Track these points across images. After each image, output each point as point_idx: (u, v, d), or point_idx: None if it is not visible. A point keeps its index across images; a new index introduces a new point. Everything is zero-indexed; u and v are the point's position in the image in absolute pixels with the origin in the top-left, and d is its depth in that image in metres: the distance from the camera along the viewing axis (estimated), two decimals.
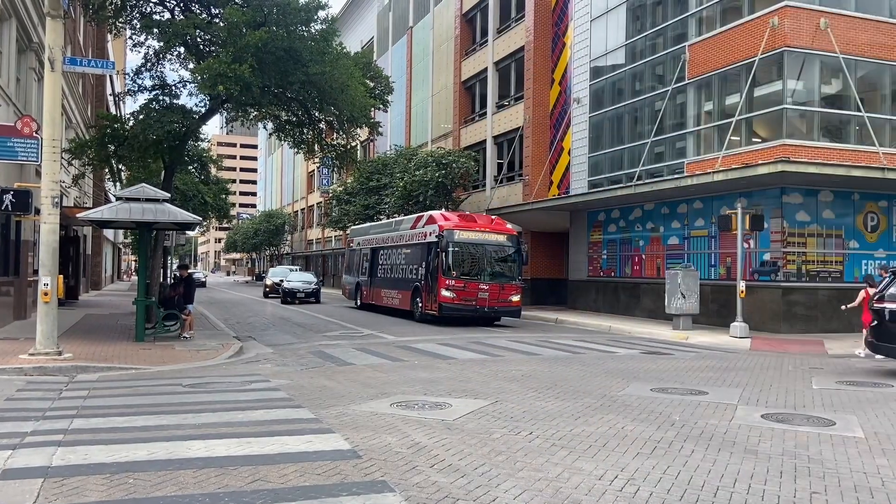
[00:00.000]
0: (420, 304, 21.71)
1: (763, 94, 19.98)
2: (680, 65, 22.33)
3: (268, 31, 15.50)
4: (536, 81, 30.57)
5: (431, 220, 21.80)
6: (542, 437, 6.65)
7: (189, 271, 18.03)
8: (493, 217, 23.03)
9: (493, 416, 7.55)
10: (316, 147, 21.43)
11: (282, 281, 35.32)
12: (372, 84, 24.11)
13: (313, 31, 16.91)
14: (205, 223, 36.11)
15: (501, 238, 21.39)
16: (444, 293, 20.26)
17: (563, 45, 29.90)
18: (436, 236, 20.73)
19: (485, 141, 34.91)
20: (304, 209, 72.79)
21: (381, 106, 25.43)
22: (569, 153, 28.96)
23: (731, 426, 7.23)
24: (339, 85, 16.92)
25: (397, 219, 26.96)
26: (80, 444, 6.14)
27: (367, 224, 31.27)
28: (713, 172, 19.01)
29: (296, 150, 22.35)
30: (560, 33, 30.19)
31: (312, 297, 33.39)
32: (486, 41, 35.09)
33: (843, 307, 15.47)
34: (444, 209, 33.08)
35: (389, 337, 17.27)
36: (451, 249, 20.48)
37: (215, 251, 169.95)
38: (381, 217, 37.95)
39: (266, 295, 39.21)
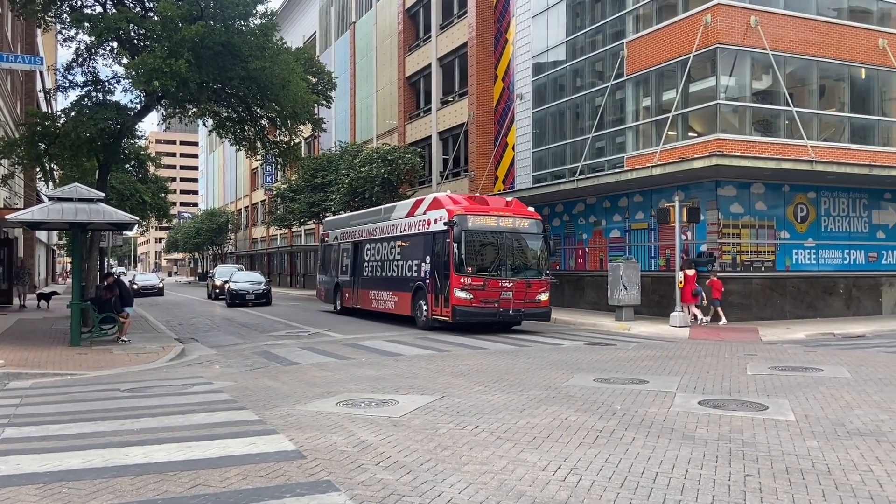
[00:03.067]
0: (425, 309, 17.78)
1: (698, 89, 20.55)
2: (618, 61, 22.78)
3: (204, 25, 15.16)
4: (480, 78, 30.74)
5: (436, 205, 17.99)
6: (488, 430, 6.72)
7: (119, 273, 17.53)
8: (506, 198, 18.99)
9: (440, 412, 7.58)
10: (258, 144, 21.07)
11: (227, 281, 32.44)
12: (314, 80, 23.85)
13: (252, 25, 16.61)
14: (143, 223, 34.97)
15: (524, 223, 17.47)
16: (459, 294, 16.40)
17: (505, 41, 30.13)
18: (444, 224, 16.94)
19: (430, 137, 34.94)
20: (247, 207, 71.53)
21: (324, 102, 25.12)
22: (513, 148, 29.24)
23: (669, 413, 7.44)
24: (280, 81, 16.67)
25: (387, 205, 22.84)
26: (11, 454, 5.92)
27: (347, 214, 27.51)
28: (652, 167, 19.47)
29: (237, 147, 21.92)
30: (502, 30, 30.41)
31: (263, 298, 30.57)
32: (430, 37, 35.09)
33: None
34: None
35: (337, 335, 17.15)
36: (464, 240, 16.63)
37: (156, 251, 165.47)
38: (328, 214, 37.61)
39: (216, 297, 35.89)
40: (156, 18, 16.15)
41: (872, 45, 21.02)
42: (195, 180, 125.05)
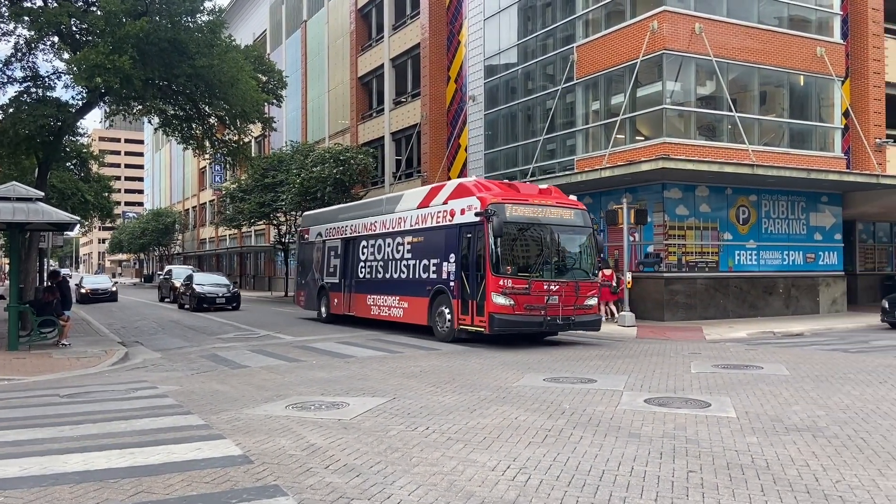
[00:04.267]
0: (449, 317, 14.86)
1: (645, 94, 20.99)
2: (569, 65, 23.10)
3: (149, 21, 14.84)
4: (433, 79, 30.78)
5: (462, 192, 15.09)
6: (439, 431, 6.73)
7: (63, 274, 17.00)
8: (540, 186, 15.97)
9: (391, 413, 7.57)
10: (206, 143, 20.69)
11: (189, 284, 29.14)
12: (264, 78, 23.51)
13: (200, 22, 16.31)
14: (86, 223, 33.89)
15: (569, 214, 14.69)
16: (497, 300, 13.45)
17: (457, 43, 30.24)
18: (475, 214, 14.06)
19: (383, 137, 34.82)
20: (195, 207, 70.08)
21: (274, 101, 24.79)
22: (466, 150, 29.37)
23: (616, 412, 7.58)
24: (229, 79, 16.41)
25: (389, 195, 20.20)
26: None
27: (334, 207, 24.17)
28: (601, 169, 19.81)
29: (185, 146, 21.47)
30: (455, 31, 30.52)
31: (234, 302, 28.21)
32: (382, 37, 34.97)
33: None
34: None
35: (287, 337, 16.94)
36: (504, 233, 13.65)
37: (99, 252, 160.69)
38: (279, 214, 37.13)
39: (174, 300, 32.61)
40: (99, 13, 15.71)
41: (811, 53, 21.80)
42: (140, 179, 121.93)
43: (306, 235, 23.17)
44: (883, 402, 7.99)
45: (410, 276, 16.57)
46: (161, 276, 42.76)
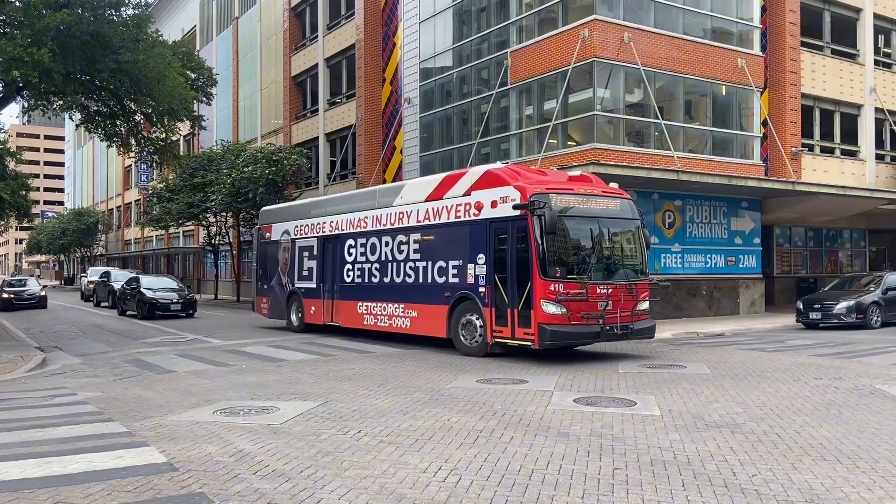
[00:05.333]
0: (480, 328, 12.60)
1: (577, 100, 21.45)
2: (503, 70, 23.38)
3: (71, 13, 14.25)
4: (368, 80, 30.62)
5: (492, 181, 12.77)
6: (371, 434, 6.70)
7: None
8: (568, 172, 14.07)
9: (322, 417, 7.49)
10: (131, 141, 20.01)
11: (135, 288, 25.56)
12: (193, 75, 22.94)
13: (125, 16, 15.77)
14: (1, 223, 32.24)
15: (616, 205, 12.78)
16: (548, 309, 11.41)
17: (393, 44, 30.20)
18: (514, 207, 11.87)
19: (317, 138, 34.43)
20: (120, 207, 67.59)
21: (203, 99, 24.23)
22: (401, 152, 29.34)
23: (546, 411, 7.71)
24: (156, 75, 15.93)
25: (383, 186, 17.72)
26: None
27: (306, 201, 21.02)
28: None
29: (108, 143, 20.70)
30: (390, 33, 30.47)
31: (190, 308, 25.18)
32: (317, 37, 34.59)
33: None
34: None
35: (217, 341, 16.53)
36: (554, 230, 11.51)
37: (16, 253, 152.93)
38: (208, 215, 36.20)
39: (114, 304, 29.44)
40: (17, 4, 15.02)
41: (732, 65, 22.72)
42: (61, 177, 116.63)
43: (268, 234, 20.24)
44: (796, 400, 8.40)
45: (420, 281, 14.25)
46: (87, 279, 40.50)
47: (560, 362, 11.79)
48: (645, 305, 12.82)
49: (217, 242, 38.52)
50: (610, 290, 12.01)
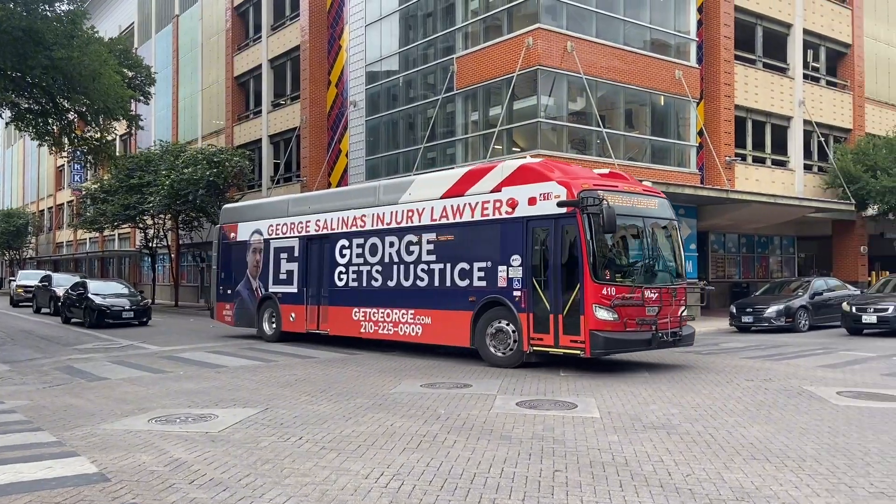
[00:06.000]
0: (514, 337, 11.66)
1: (521, 107, 21.73)
2: (449, 75, 23.50)
3: (2, 7, 13.68)
4: (313, 82, 30.33)
5: (529, 176, 11.82)
6: (312, 441, 6.62)
7: None
8: (594, 170, 13.14)
9: (262, 424, 7.36)
10: (65, 140, 19.32)
11: (82, 294, 23.18)
12: (131, 74, 22.29)
13: (59, 11, 15.23)
14: None
15: (655, 204, 12.12)
16: (601, 314, 10.68)
17: (339, 47, 30.00)
18: (559, 205, 11.08)
19: (261, 140, 33.91)
20: (51, 208, 65.05)
21: (141, 98, 23.56)
22: (346, 155, 29.15)
23: (489, 415, 7.77)
24: (90, 72, 15.43)
25: (387, 182, 15.95)
26: None
27: (281, 198, 18.82)
28: None
29: (40, 142, 19.92)
30: (336, 36, 30.27)
31: (144, 316, 23.02)
32: (261, 37, 34.09)
33: None
34: (219, 209, 31.50)
35: (153, 347, 16.07)
36: (606, 230, 10.78)
37: None
38: (145, 217, 35.18)
39: (56, 311, 26.74)
40: None
41: (670, 76, 23.38)
42: None
43: (232, 234, 18.40)
44: (729, 401, 8.68)
45: (436, 284, 13.12)
46: (16, 283, 38.45)
47: (505, 367, 11.87)
48: (685, 311, 12.32)
49: (155, 246, 37.47)
50: (659, 295, 11.39)
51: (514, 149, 21.90)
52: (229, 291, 18.36)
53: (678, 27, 24.17)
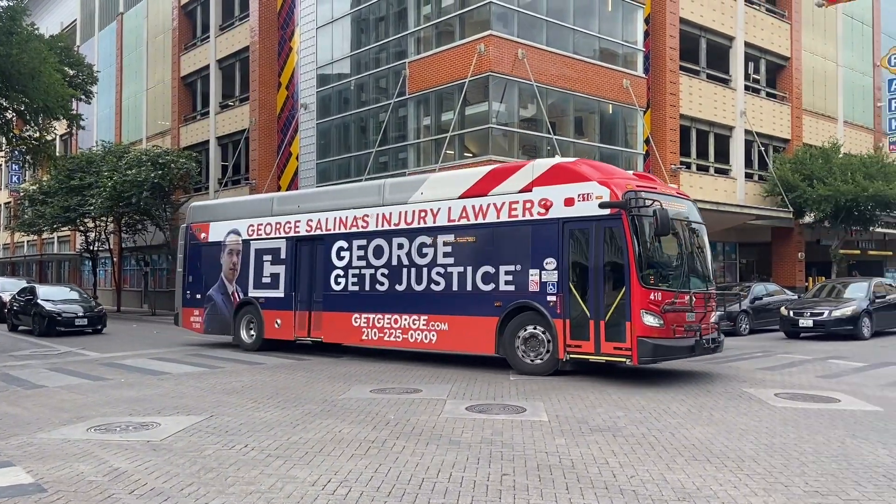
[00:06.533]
0: (548, 344, 11.24)
1: (473, 113, 21.87)
2: (401, 80, 23.50)
3: None
4: (263, 84, 29.93)
5: (564, 175, 11.37)
6: (258, 448, 6.52)
7: None
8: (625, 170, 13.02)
9: (207, 432, 7.21)
10: (2, 139, 18.61)
11: (31, 300, 21.79)
12: (72, 72, 21.63)
13: None
14: None
15: (686, 207, 11.76)
16: (648, 320, 10.27)
17: (289, 49, 29.69)
18: (603, 206, 10.61)
19: (208, 141, 33.27)
20: None
21: (83, 97, 22.87)
22: (297, 159, 28.83)
23: (439, 420, 7.77)
24: (30, 70, 14.94)
25: (393, 181, 14.97)
26: None
27: (260, 196, 18.55)
28: None
29: None
30: (286, 37, 29.94)
31: (98, 323, 21.54)
32: (208, 37, 33.49)
33: None
34: (164, 211, 30.83)
35: (93, 354, 15.57)
36: (652, 233, 10.50)
37: None
38: (86, 220, 34.13)
39: (3, 320, 24.46)
40: None
41: (618, 85, 23.87)
42: None
43: (203, 234, 17.06)
44: (673, 403, 8.89)
45: (455, 289, 12.44)
46: None
47: (455, 371, 11.90)
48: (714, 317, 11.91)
49: (96, 249, 36.38)
50: (699, 300, 11.07)
51: (465, 154, 22.02)
52: (198, 296, 17.01)
53: (626, 37, 24.69)
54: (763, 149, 28.91)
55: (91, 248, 36.30)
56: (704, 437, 6.96)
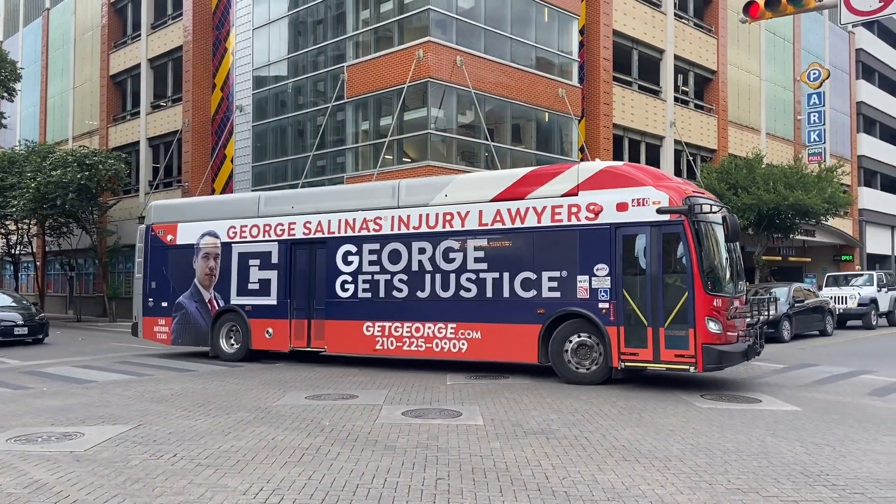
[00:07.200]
0: (598, 351, 10.99)
1: (412, 118, 21.91)
2: (339, 84, 23.35)
3: None
4: (196, 84, 29.23)
5: (617, 180, 11.12)
6: (187, 457, 6.36)
7: None
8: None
9: (134, 442, 6.99)
10: None
11: None
12: None
13: None
14: None
15: (725, 212, 11.30)
16: (712, 326, 10.15)
17: (224, 49, 29.11)
18: (661, 211, 10.46)
19: (138, 142, 32.27)
20: None
21: (5, 94, 21.84)
22: (232, 161, 28.27)
23: (375, 426, 7.75)
24: None
25: (412, 182, 14.34)
26: None
27: (252, 194, 17.69)
28: None
29: None
30: (222, 38, 29.36)
31: (39, 332, 19.50)
32: (140, 35, 32.53)
33: None
34: (91, 214, 29.69)
35: (14, 361, 14.86)
36: (713, 239, 10.81)
37: None
38: (7, 222, 32.56)
39: None
40: None
41: (554, 93, 24.33)
42: None
43: (169, 237, 15.70)
44: (604, 405, 9.10)
45: (490, 296, 11.97)
46: None
47: (393, 376, 11.87)
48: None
49: (18, 253, 34.76)
50: (741, 304, 11.20)
51: (404, 159, 22.04)
52: (164, 304, 15.60)
53: (562, 47, 25.20)
54: (692, 158, 29.95)
55: (13, 251, 34.68)
56: (634, 438, 7.15)
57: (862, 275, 26.57)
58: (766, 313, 12.58)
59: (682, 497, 5.28)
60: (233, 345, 14.72)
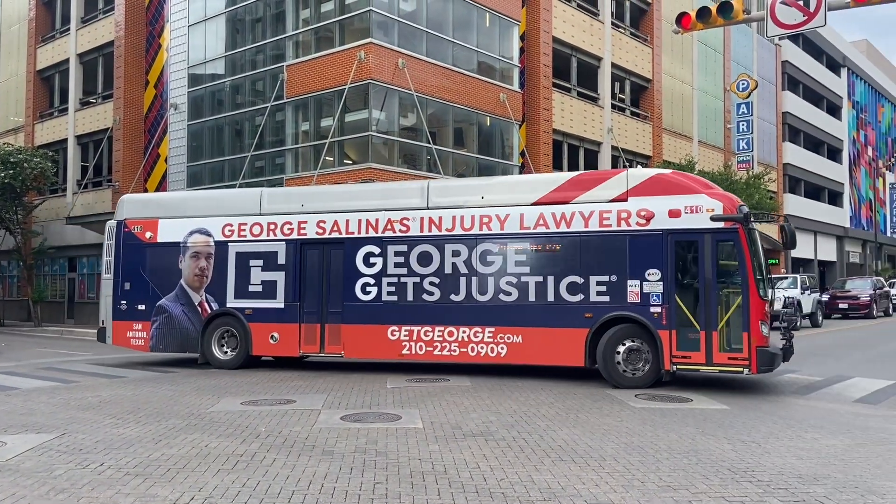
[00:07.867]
0: (647, 355, 11.07)
1: (353, 119, 21.77)
2: (279, 83, 23.02)
3: None
4: (128, 81, 28.31)
5: (669, 187, 11.31)
6: (115, 467, 6.14)
7: None
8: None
9: (59, 451, 6.71)
10: None
11: None
12: None
13: None
14: None
15: None
16: (764, 330, 10.59)
17: (158, 46, 28.31)
18: (715, 219, 10.70)
19: (66, 140, 31.04)
20: None
21: None
22: (166, 161, 27.49)
23: (312, 431, 7.65)
24: None
25: (443, 182, 14.72)
26: None
27: (249, 190, 16.11)
28: None
29: None
30: (155, 34, 28.54)
31: None
32: (69, 29, 31.32)
33: None
34: (15, 214, 28.42)
35: None
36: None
37: None
38: None
39: None
40: None
41: (496, 98, 24.57)
42: None
43: (148, 234, 14.45)
44: (542, 406, 9.22)
45: (533, 300, 11.83)
46: None
47: (331, 380, 11.75)
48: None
49: None
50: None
51: (345, 161, 21.87)
52: (141, 307, 14.39)
53: (503, 53, 25.47)
54: (628, 164, 30.67)
55: None
56: (570, 439, 7.27)
57: (787, 278, 27.72)
58: (797, 319, 12.91)
59: (616, 495, 5.39)
60: (226, 352, 13.77)
